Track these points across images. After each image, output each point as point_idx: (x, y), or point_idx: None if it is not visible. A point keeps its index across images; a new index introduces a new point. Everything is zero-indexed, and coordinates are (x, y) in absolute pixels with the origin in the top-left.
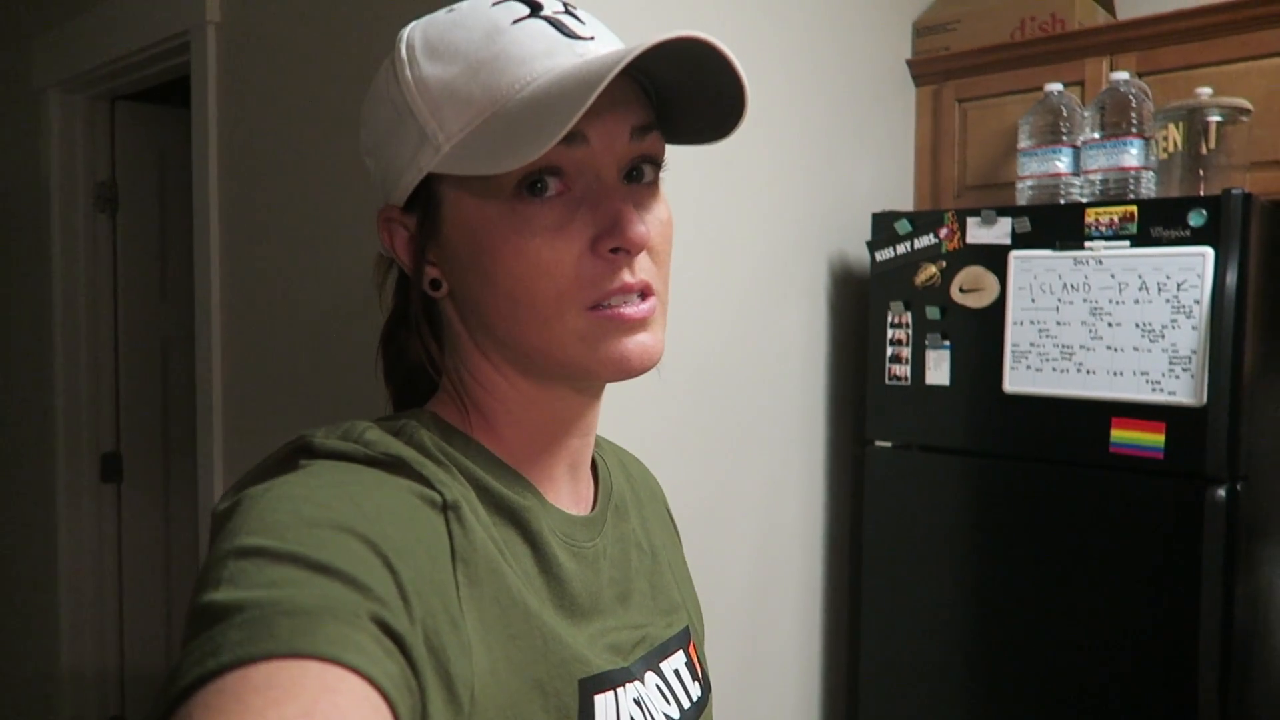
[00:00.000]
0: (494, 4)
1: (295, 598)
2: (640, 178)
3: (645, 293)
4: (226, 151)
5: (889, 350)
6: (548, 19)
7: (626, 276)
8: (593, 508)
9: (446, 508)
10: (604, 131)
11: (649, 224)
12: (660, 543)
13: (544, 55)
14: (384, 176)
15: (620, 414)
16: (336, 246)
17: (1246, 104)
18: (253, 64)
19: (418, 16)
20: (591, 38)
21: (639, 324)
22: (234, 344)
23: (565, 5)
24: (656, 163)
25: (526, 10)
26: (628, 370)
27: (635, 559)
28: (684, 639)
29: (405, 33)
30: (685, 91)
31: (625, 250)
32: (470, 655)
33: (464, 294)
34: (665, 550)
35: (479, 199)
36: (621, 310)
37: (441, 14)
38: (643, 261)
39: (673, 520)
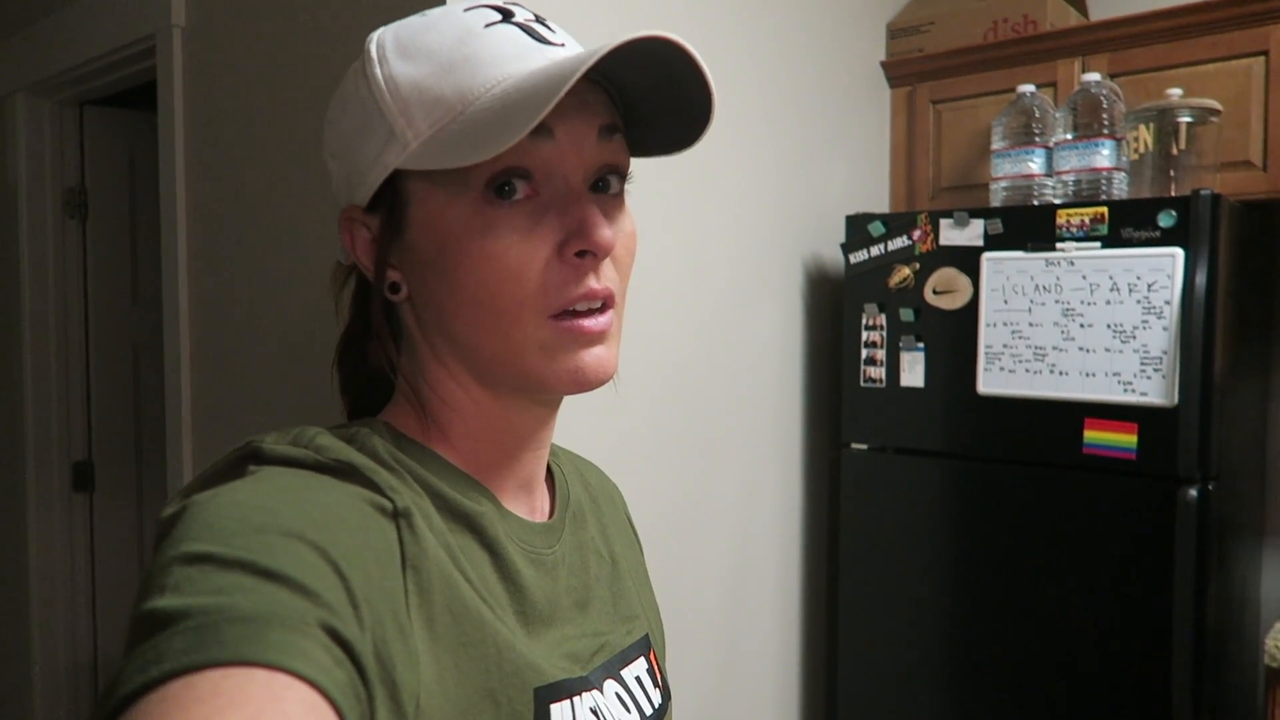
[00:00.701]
0: (466, 9)
1: (242, 604)
2: (606, 188)
3: (607, 303)
4: (194, 156)
5: (864, 353)
6: (520, 25)
7: (592, 282)
8: (550, 516)
9: (397, 515)
10: (571, 129)
11: (614, 232)
12: (620, 550)
13: (515, 58)
14: (348, 176)
15: (594, 419)
16: (306, 250)
17: (1216, 105)
18: (219, 68)
19: (383, 19)
20: (562, 44)
21: (597, 337)
22: (204, 350)
23: (536, 15)
24: (622, 174)
25: (499, 16)
26: (582, 384)
27: (594, 566)
28: (644, 646)
29: (375, 35)
30: (651, 102)
31: (592, 254)
32: (417, 665)
33: (425, 297)
34: (625, 558)
35: (446, 197)
36: (582, 322)
37: (414, 18)
38: (607, 269)
39: (633, 528)
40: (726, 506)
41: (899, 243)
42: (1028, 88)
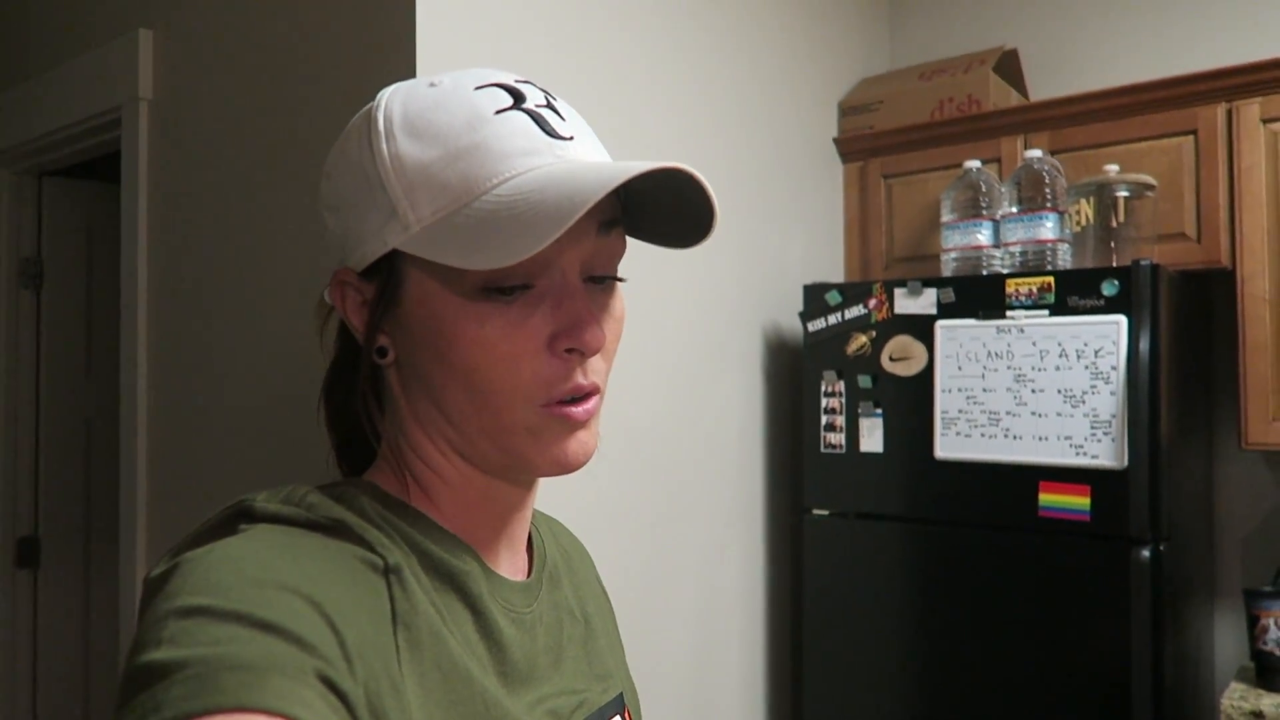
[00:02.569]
0: (477, 87)
1: (240, 654)
2: (601, 278)
3: (591, 392)
4: (156, 227)
5: (824, 419)
6: (529, 112)
7: (579, 378)
8: (528, 575)
9: (388, 571)
10: (573, 228)
11: (605, 324)
12: (592, 611)
13: (524, 153)
14: (343, 237)
15: (557, 486)
16: (269, 325)
17: (1151, 180)
18: (185, 141)
19: (358, 96)
20: (571, 137)
21: (582, 423)
22: (161, 423)
23: (547, 98)
24: (613, 270)
25: (509, 101)
26: (566, 468)
27: (568, 626)
28: (619, 705)
29: (383, 101)
30: (653, 196)
31: (581, 352)
32: None
33: (414, 369)
34: (597, 618)
35: (443, 284)
36: (570, 409)
37: (421, 87)
38: (595, 362)
39: (603, 589)
40: (691, 573)
41: (855, 311)
42: (974, 163)
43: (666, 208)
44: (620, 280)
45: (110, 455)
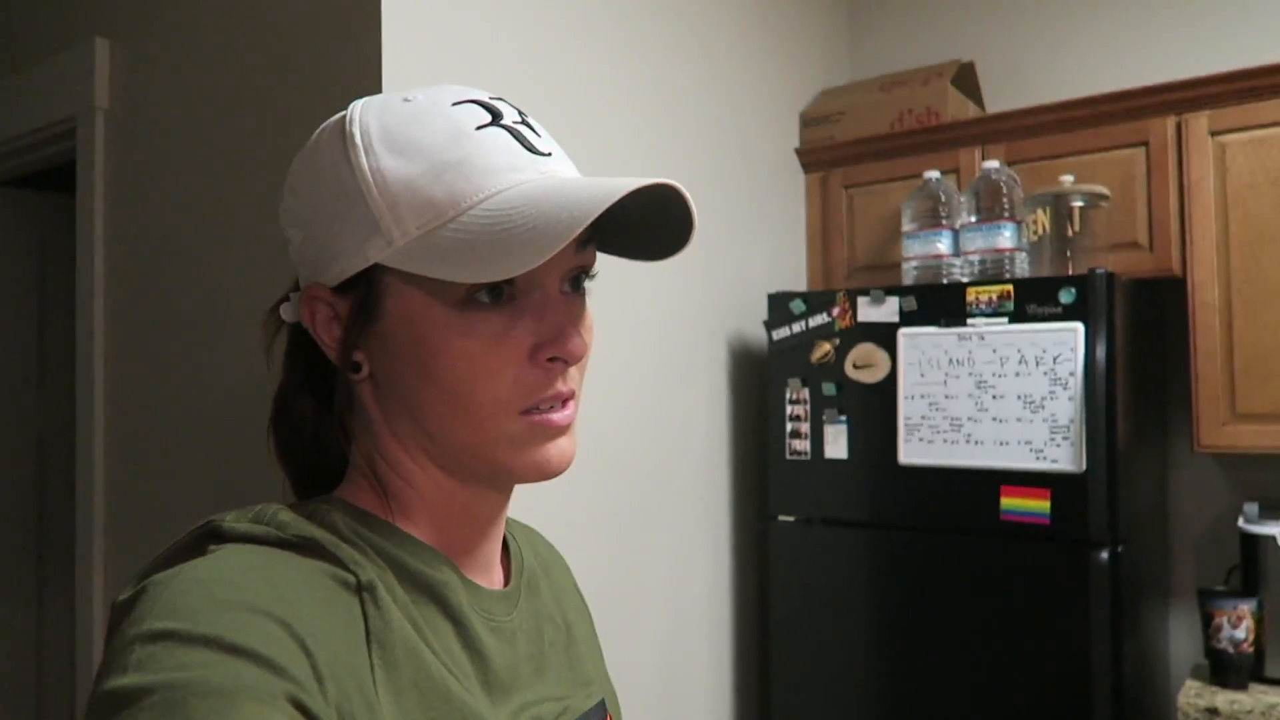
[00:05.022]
0: (454, 103)
1: (209, 679)
2: (574, 288)
3: (569, 397)
4: (114, 239)
5: (789, 426)
6: (508, 128)
7: (560, 385)
8: (505, 584)
9: (361, 589)
10: None
11: (583, 334)
12: (572, 617)
13: (508, 169)
14: (315, 253)
15: (524, 493)
16: (230, 340)
17: (1105, 190)
18: (143, 151)
19: (325, 103)
20: (549, 154)
21: (562, 430)
22: (118, 440)
23: (521, 115)
24: (589, 273)
25: (488, 117)
26: (548, 474)
27: (549, 633)
28: (602, 711)
29: (356, 115)
30: (625, 213)
31: (563, 361)
32: None
33: (392, 382)
34: (577, 624)
35: (425, 296)
36: (550, 416)
37: (396, 102)
38: (572, 370)
39: (581, 596)
40: (658, 578)
41: (819, 319)
42: (933, 174)
43: (637, 222)
44: (590, 279)
45: (64, 474)
